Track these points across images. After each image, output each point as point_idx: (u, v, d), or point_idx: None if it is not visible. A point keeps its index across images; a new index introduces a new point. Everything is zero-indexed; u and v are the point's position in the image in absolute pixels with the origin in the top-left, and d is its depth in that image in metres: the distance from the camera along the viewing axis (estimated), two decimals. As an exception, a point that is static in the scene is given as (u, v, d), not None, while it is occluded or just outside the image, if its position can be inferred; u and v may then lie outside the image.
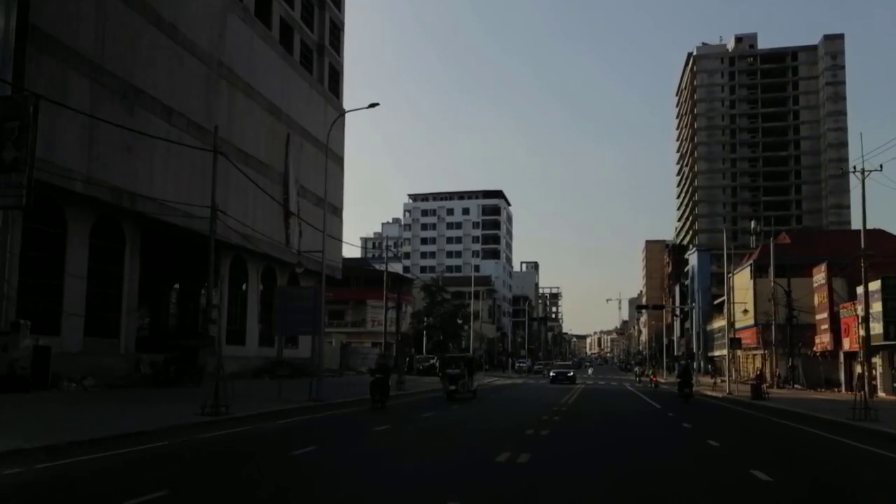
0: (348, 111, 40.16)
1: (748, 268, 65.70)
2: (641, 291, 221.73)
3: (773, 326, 45.83)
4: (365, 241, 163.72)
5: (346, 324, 70.68)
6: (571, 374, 48.07)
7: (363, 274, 64.59)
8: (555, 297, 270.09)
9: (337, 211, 45.87)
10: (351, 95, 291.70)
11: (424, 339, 52.26)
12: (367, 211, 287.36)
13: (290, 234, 38.69)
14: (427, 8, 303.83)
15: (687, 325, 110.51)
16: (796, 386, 46.42)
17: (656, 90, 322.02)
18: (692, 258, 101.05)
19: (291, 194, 38.85)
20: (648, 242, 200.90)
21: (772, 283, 47.21)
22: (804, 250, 63.45)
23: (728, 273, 62.94)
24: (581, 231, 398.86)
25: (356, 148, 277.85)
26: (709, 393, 37.31)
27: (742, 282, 67.05)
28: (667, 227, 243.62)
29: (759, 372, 27.69)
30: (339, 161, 46.81)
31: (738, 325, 69.45)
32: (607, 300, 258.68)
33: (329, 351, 48.23)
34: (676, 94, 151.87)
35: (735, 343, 34.30)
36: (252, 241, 34.82)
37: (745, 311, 42.43)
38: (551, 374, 48.33)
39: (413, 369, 49.07)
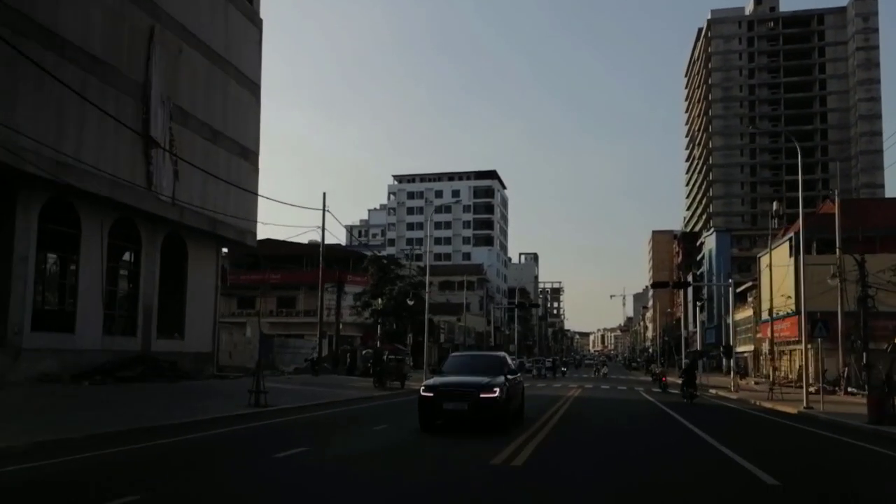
0: None
1: (786, 243, 53.52)
2: (647, 286, 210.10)
3: (839, 314, 33.77)
4: (350, 228, 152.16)
5: (298, 312, 58.73)
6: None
7: (315, 252, 52.10)
8: (556, 292, 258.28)
9: (248, 154, 33.76)
10: (350, 90, 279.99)
11: (379, 328, 40.51)
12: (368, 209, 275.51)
13: (153, 171, 26.56)
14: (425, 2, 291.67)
15: (701, 317, 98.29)
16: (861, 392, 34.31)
17: (660, 83, 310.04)
18: (709, 240, 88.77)
19: (156, 115, 26.76)
20: (655, 233, 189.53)
21: (836, 252, 35.13)
22: (858, 221, 51.46)
23: (769, 247, 50.84)
24: (583, 228, 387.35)
25: (359, 147, 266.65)
26: (765, 405, 25.08)
27: (777, 262, 54.96)
28: (673, 222, 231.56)
29: (888, 374, 16.07)
30: (253, 88, 34.68)
31: (770, 315, 57.51)
32: (611, 296, 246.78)
33: (241, 344, 36.16)
34: (686, 75, 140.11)
35: (821, 330, 22.21)
36: (76, 175, 22.77)
37: (835, 277, 30.35)
38: None
39: (356, 368, 37.16)
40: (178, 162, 27.94)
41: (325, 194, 35.41)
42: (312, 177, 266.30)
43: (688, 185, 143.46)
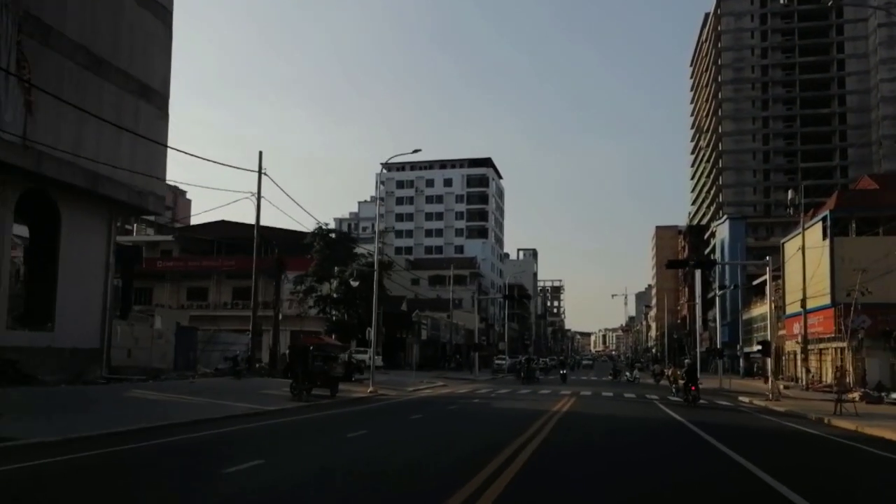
0: None
1: (818, 224, 46.08)
2: (650, 285, 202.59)
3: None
4: (339, 221, 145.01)
5: (256, 305, 51.16)
6: None
7: (279, 236, 44.66)
8: (556, 291, 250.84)
9: (151, 95, 26.35)
10: (351, 87, 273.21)
11: (334, 319, 32.90)
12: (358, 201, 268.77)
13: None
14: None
15: (711, 314, 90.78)
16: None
17: (662, 80, 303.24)
18: (721, 230, 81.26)
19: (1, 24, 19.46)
20: (659, 228, 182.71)
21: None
22: (902, 197, 44.33)
23: (802, 227, 43.65)
24: (584, 228, 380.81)
25: (360, 145, 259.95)
26: (840, 424, 17.61)
27: (807, 246, 47.65)
28: (676, 219, 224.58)
29: None
30: (161, 13, 27.24)
31: (799, 308, 50.25)
32: (613, 295, 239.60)
33: (145, 338, 28.74)
34: (692, 62, 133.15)
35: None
36: None
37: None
38: None
39: (290, 369, 29.61)
40: (31, 91, 20.55)
41: (260, 153, 28.17)
42: (316, 176, 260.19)
43: (693, 178, 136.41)
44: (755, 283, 68.88)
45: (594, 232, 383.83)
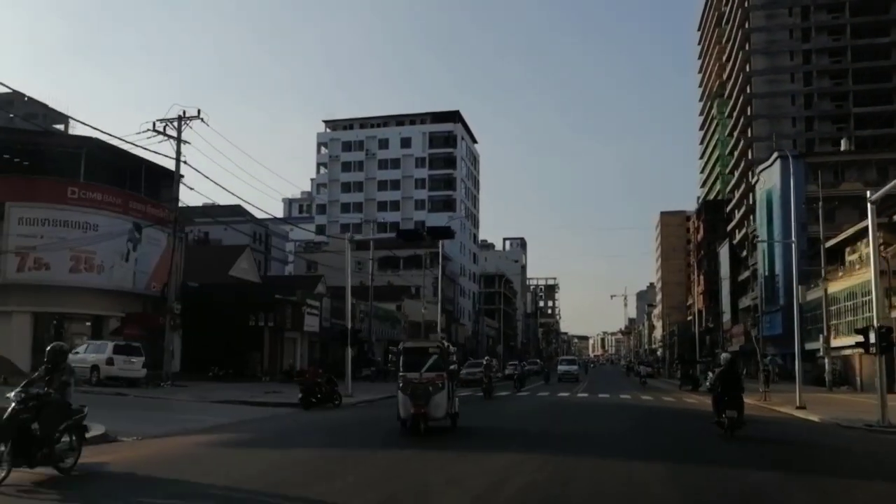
0: None
1: None
2: (652, 283, 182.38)
3: None
4: (290, 201, 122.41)
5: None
6: None
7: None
8: (550, 290, 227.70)
9: None
10: (340, 93, 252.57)
11: None
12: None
13: None
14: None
15: (747, 300, 68.25)
16: None
17: (662, 69, 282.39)
18: (768, 176, 57.98)
19: None
20: (664, 214, 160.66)
21: None
22: None
23: None
24: (581, 234, 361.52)
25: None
26: None
27: None
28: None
29: None
30: None
31: None
32: (612, 296, 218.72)
33: None
34: (699, 27, 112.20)
35: None
36: None
37: None
38: None
39: None
40: None
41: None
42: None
43: (702, 157, 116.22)
44: (827, 245, 45.88)
45: (592, 236, 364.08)
